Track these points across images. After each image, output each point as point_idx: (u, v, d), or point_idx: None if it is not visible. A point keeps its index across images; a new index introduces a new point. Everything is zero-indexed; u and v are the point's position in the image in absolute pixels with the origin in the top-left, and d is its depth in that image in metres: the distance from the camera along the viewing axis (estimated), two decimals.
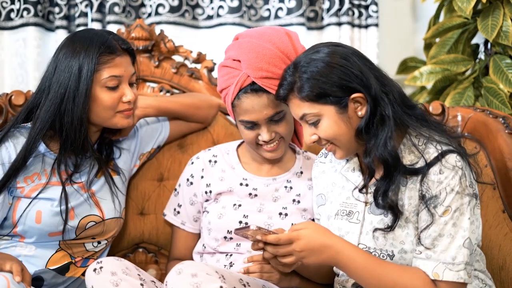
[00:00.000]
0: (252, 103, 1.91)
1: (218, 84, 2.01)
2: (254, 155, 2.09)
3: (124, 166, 2.12)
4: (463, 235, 1.62)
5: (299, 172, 2.10)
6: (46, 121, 1.87)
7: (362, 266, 1.64)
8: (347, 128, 1.69)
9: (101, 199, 1.99)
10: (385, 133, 1.66)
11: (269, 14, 2.91)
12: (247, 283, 1.78)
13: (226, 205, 2.05)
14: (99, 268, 1.68)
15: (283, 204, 2.04)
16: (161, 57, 2.44)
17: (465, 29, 2.74)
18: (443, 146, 1.67)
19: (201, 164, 2.12)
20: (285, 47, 1.92)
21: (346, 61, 1.68)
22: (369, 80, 1.67)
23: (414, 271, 1.65)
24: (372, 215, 1.74)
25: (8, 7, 2.76)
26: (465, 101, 2.62)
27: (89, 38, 1.90)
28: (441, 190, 1.63)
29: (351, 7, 2.91)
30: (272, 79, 1.89)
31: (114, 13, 2.76)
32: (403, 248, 1.68)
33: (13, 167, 1.87)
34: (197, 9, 2.91)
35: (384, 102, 1.67)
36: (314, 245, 1.62)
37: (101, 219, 1.97)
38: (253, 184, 2.07)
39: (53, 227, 1.90)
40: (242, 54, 1.92)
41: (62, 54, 1.90)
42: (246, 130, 1.97)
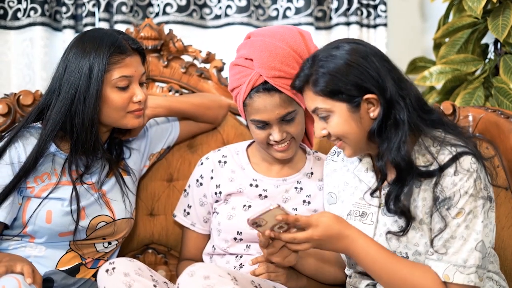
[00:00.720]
0: (264, 103, 1.90)
1: (230, 83, 1.99)
2: (264, 155, 2.08)
3: (134, 166, 2.11)
4: (475, 238, 1.61)
5: (309, 173, 2.09)
6: (57, 122, 1.86)
7: (374, 258, 1.65)
8: (358, 128, 1.68)
9: (112, 199, 1.98)
10: (399, 137, 1.64)
11: (277, 14, 2.90)
12: (258, 284, 1.77)
13: (236, 206, 2.03)
14: (111, 269, 1.67)
15: (293, 205, 2.03)
16: (170, 57, 2.43)
17: (475, 29, 2.73)
18: (458, 148, 1.65)
19: (211, 164, 2.11)
20: (298, 46, 1.92)
21: (364, 60, 1.66)
22: (385, 82, 1.65)
23: (425, 270, 1.64)
24: (385, 216, 1.73)
25: (15, 6, 2.75)
26: (475, 101, 2.61)
27: (99, 38, 1.89)
28: (455, 192, 1.62)
29: (360, 6, 2.89)
30: (285, 79, 1.88)
31: (122, 13, 2.75)
32: (417, 250, 1.67)
33: (24, 168, 1.86)
34: (205, 9, 2.89)
35: (400, 106, 1.66)
36: (332, 232, 1.63)
37: (112, 219, 1.96)
38: (263, 185, 2.06)
39: (64, 227, 1.89)
40: (255, 53, 1.91)
41: (72, 54, 1.89)
42: (257, 130, 1.96)
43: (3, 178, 1.86)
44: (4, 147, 1.88)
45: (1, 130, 2.21)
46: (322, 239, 1.62)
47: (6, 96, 2.25)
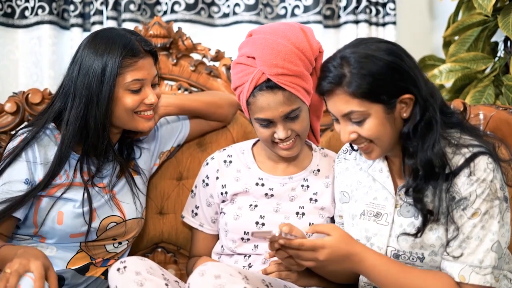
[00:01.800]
0: (268, 101, 1.87)
1: (232, 81, 1.97)
2: (270, 153, 2.06)
3: (145, 165, 2.10)
4: (491, 239, 1.60)
5: (316, 170, 2.07)
6: (77, 127, 1.85)
7: (385, 274, 1.62)
8: (391, 129, 1.65)
9: (122, 199, 1.97)
10: (434, 137, 1.62)
11: (285, 12, 2.90)
12: (269, 283, 1.76)
13: (242, 206, 2.02)
14: (122, 267, 1.66)
15: (300, 204, 2.01)
16: (179, 55, 2.42)
17: (485, 27, 2.72)
18: (474, 148, 1.63)
19: (216, 164, 2.10)
20: (300, 43, 1.90)
21: (401, 60, 1.62)
22: (420, 81, 1.63)
23: (438, 276, 1.63)
24: (402, 217, 1.71)
25: (22, 5, 2.75)
26: (485, 99, 2.60)
27: (111, 39, 1.87)
28: (471, 192, 1.60)
29: (369, 4, 2.89)
30: (288, 76, 1.86)
31: (130, 11, 2.75)
32: (433, 250, 1.66)
33: (48, 175, 1.85)
34: (213, 7, 2.89)
35: (432, 106, 1.64)
36: (338, 254, 1.59)
37: (122, 219, 1.95)
38: (269, 184, 2.04)
39: (75, 228, 1.88)
40: (257, 51, 1.88)
41: (85, 55, 1.87)
42: (262, 128, 1.94)
43: (19, 174, 1.85)
44: (21, 148, 1.87)
45: (10, 129, 2.21)
46: (328, 259, 1.59)
47: (14, 94, 2.24)
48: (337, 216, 1.95)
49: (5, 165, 1.86)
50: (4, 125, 2.21)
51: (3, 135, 2.21)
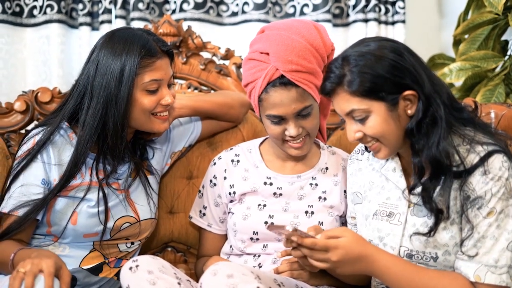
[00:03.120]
0: (281, 97, 1.86)
1: (244, 78, 1.96)
2: (278, 152, 2.05)
3: (157, 166, 2.10)
4: (507, 238, 1.58)
5: (324, 168, 2.06)
6: (95, 128, 1.84)
7: (399, 275, 1.61)
8: (396, 127, 1.64)
9: (136, 200, 1.97)
10: (439, 134, 1.61)
11: (294, 11, 2.89)
12: (281, 283, 1.75)
13: (250, 205, 2.01)
14: (135, 266, 1.65)
15: (309, 202, 2.00)
16: (189, 54, 2.42)
17: (496, 25, 2.70)
18: (489, 146, 1.62)
19: (224, 164, 2.09)
20: (314, 40, 1.89)
21: (400, 56, 1.62)
22: (422, 78, 1.62)
23: (453, 276, 1.62)
24: (415, 217, 1.70)
25: (31, 3, 2.75)
26: (495, 98, 2.59)
27: (129, 39, 1.86)
28: (486, 191, 1.59)
29: (378, 3, 2.88)
30: (301, 73, 1.85)
31: (138, 10, 2.75)
32: (447, 250, 1.65)
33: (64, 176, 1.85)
34: (222, 6, 2.89)
35: (436, 102, 1.63)
36: (351, 256, 1.58)
37: (136, 220, 1.95)
38: (277, 183, 2.03)
39: (89, 228, 1.88)
40: (271, 47, 1.87)
41: (102, 55, 1.85)
42: (273, 125, 1.92)
43: (36, 175, 1.85)
44: (37, 150, 1.86)
45: (20, 127, 2.21)
46: (341, 261, 1.57)
47: (24, 93, 2.24)
48: (350, 217, 1.93)
49: (22, 167, 1.85)
50: (13, 124, 2.21)
51: (12, 134, 2.20)
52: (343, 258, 1.57)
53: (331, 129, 2.38)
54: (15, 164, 1.88)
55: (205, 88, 2.42)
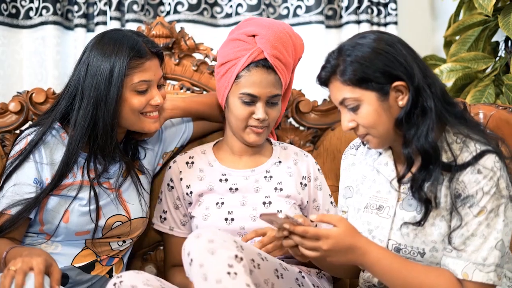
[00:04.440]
0: (261, 78, 1.98)
1: (224, 55, 2.04)
2: (233, 145, 2.12)
3: (149, 165, 2.12)
4: (496, 237, 1.60)
5: (277, 162, 2.13)
6: (85, 128, 1.87)
7: (388, 267, 1.63)
8: (387, 117, 1.68)
9: (128, 199, 1.99)
10: (427, 125, 1.64)
11: (287, 12, 2.91)
12: (265, 257, 1.76)
13: (209, 205, 2.05)
14: (119, 282, 1.65)
15: (265, 193, 2.06)
16: (182, 55, 2.44)
17: (486, 27, 2.73)
18: (482, 145, 1.65)
19: (178, 167, 2.13)
20: (296, 40, 2.07)
21: (392, 48, 1.66)
22: (413, 69, 1.66)
23: (440, 272, 1.64)
24: (404, 211, 1.73)
25: (27, 5, 2.77)
26: (485, 99, 2.61)
27: (119, 41, 1.89)
28: (477, 190, 1.61)
29: (370, 5, 2.90)
30: (281, 62, 2.00)
31: (133, 11, 2.77)
32: (434, 246, 1.67)
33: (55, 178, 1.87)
34: (216, 7, 2.91)
35: (426, 94, 1.65)
36: (342, 246, 1.59)
37: (128, 219, 1.97)
38: (232, 179, 2.08)
39: (81, 226, 1.90)
40: (262, 30, 2.01)
41: (93, 56, 1.88)
42: (242, 106, 2.01)
43: (28, 175, 1.87)
44: (29, 150, 1.88)
45: (14, 128, 2.23)
46: (331, 250, 1.59)
47: (18, 94, 2.27)
48: (340, 211, 1.96)
49: (14, 167, 1.87)
50: (8, 124, 2.24)
51: (7, 134, 2.23)
52: (334, 248, 1.58)
53: (322, 129, 2.40)
54: (8, 164, 1.90)
55: (197, 89, 2.44)
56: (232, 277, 1.53)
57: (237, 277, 1.53)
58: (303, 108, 2.39)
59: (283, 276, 1.78)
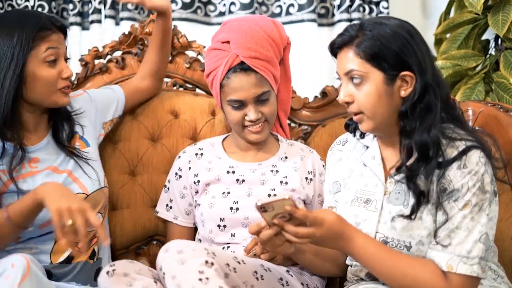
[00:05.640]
0: (241, 81, 2.00)
1: (206, 67, 2.08)
2: (239, 143, 2.15)
3: (92, 137, 2.10)
4: (480, 230, 1.63)
5: (283, 157, 2.15)
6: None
7: (373, 255, 1.66)
8: (386, 102, 1.69)
9: (79, 175, 1.97)
10: (432, 120, 1.66)
11: (280, 11, 2.94)
12: (242, 260, 1.78)
13: (215, 194, 2.08)
14: (111, 270, 1.68)
15: (271, 186, 2.08)
16: (174, 52, 2.46)
17: (476, 25, 2.75)
18: (467, 142, 1.67)
19: (188, 157, 2.17)
20: (271, 31, 2.06)
21: (411, 37, 1.68)
22: (426, 65, 1.68)
23: (425, 263, 1.66)
24: (391, 204, 1.74)
25: (22, 3, 2.79)
26: (475, 96, 2.64)
27: (22, 17, 1.88)
28: (463, 184, 1.64)
29: (362, 3, 2.92)
30: (260, 60, 2.00)
31: (127, 10, 2.80)
32: (420, 240, 1.69)
33: None
34: (209, 6, 2.94)
35: (434, 92, 1.67)
36: (333, 231, 1.62)
37: (86, 195, 1.95)
38: (239, 171, 2.11)
39: (40, 217, 1.82)
40: (232, 35, 2.03)
41: None
42: (233, 111, 2.04)
43: None
44: None
45: None
46: (324, 236, 1.61)
47: None
48: (327, 207, 1.97)
49: None
50: None
51: None
52: (326, 234, 1.61)
53: (313, 126, 2.43)
54: None
55: (190, 86, 2.46)
56: (204, 283, 1.57)
57: (209, 282, 1.57)
58: (294, 105, 2.41)
59: (263, 277, 1.81)
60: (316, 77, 2.87)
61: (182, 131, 2.35)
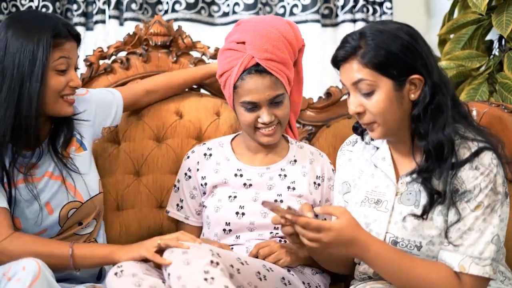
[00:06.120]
0: (256, 83, 1.97)
1: (220, 67, 2.06)
2: (249, 144, 2.13)
3: (89, 140, 2.06)
4: (492, 231, 1.63)
5: (292, 160, 2.14)
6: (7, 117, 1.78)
7: (388, 261, 1.64)
8: (397, 108, 1.68)
9: (74, 182, 1.92)
10: (444, 120, 1.66)
11: (284, 11, 2.94)
12: (245, 261, 1.78)
13: (222, 197, 2.08)
14: (119, 271, 1.68)
15: (278, 192, 2.07)
16: (179, 53, 2.46)
17: (480, 25, 2.76)
18: (479, 143, 1.67)
19: (197, 157, 2.16)
20: (287, 33, 2.04)
21: (416, 42, 1.68)
22: (432, 67, 1.68)
23: (438, 266, 1.66)
24: (402, 205, 1.74)
25: (26, 4, 2.80)
26: (479, 96, 2.64)
27: (40, 20, 1.83)
28: (475, 186, 1.64)
29: (366, 3, 2.93)
30: (275, 62, 1.98)
31: (131, 10, 2.80)
32: (431, 240, 1.69)
33: None
34: (213, 6, 2.94)
35: (443, 92, 1.67)
36: (343, 239, 1.60)
37: (81, 203, 1.93)
38: (247, 174, 2.10)
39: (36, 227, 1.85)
40: (248, 36, 2.00)
41: (11, 35, 1.79)
42: (246, 113, 2.02)
43: None
44: None
45: None
46: (332, 243, 1.59)
47: None
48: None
49: None
50: None
51: None
52: (335, 240, 1.59)
53: (317, 126, 2.44)
54: None
55: (194, 86, 2.46)
56: (209, 282, 1.57)
57: (215, 281, 1.58)
58: None
59: (266, 277, 1.81)
60: (320, 77, 2.88)
61: (187, 132, 2.36)
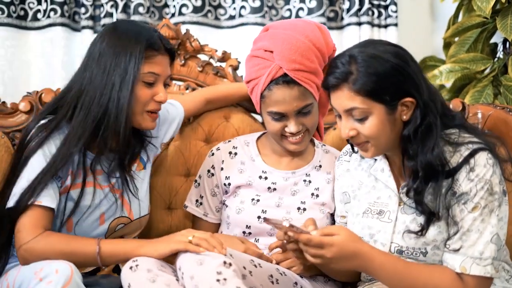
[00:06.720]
0: (284, 95, 1.92)
1: (247, 74, 2.01)
2: (275, 146, 2.10)
3: (151, 158, 2.08)
4: (491, 231, 1.64)
5: (318, 166, 2.11)
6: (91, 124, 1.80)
7: (392, 271, 1.65)
8: (390, 130, 1.70)
9: (129, 199, 1.94)
10: (434, 140, 1.66)
11: (290, 14, 2.96)
12: (258, 264, 1.78)
13: (244, 199, 2.06)
14: (135, 266, 1.66)
15: (302, 198, 2.05)
16: (187, 56, 2.47)
17: (484, 28, 2.77)
18: (474, 145, 1.68)
19: (221, 155, 2.13)
20: (317, 40, 1.97)
21: (406, 64, 1.67)
22: (422, 86, 1.68)
23: (442, 270, 1.68)
24: (405, 215, 1.75)
25: (35, 7, 2.82)
26: (484, 99, 2.65)
27: (136, 32, 1.85)
28: (471, 187, 1.65)
29: (371, 7, 2.95)
30: (304, 72, 1.92)
31: (139, 14, 2.82)
32: (435, 245, 1.71)
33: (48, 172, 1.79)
34: (220, 9, 2.96)
35: (432, 112, 1.68)
36: (346, 253, 1.61)
37: (130, 220, 1.96)
38: (272, 177, 2.08)
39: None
40: (276, 45, 1.94)
41: (105, 44, 1.82)
42: (273, 122, 1.98)
43: (38, 166, 1.79)
44: (40, 142, 1.81)
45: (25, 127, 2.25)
46: (335, 257, 1.60)
47: (28, 94, 2.30)
48: (338, 216, 1.98)
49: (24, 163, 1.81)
50: (18, 124, 2.26)
51: (17, 133, 2.26)
52: (338, 255, 1.60)
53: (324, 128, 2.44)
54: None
55: None
56: (222, 283, 1.57)
57: (227, 282, 1.57)
58: None
59: (278, 281, 1.81)
60: None
61: (195, 134, 2.36)
